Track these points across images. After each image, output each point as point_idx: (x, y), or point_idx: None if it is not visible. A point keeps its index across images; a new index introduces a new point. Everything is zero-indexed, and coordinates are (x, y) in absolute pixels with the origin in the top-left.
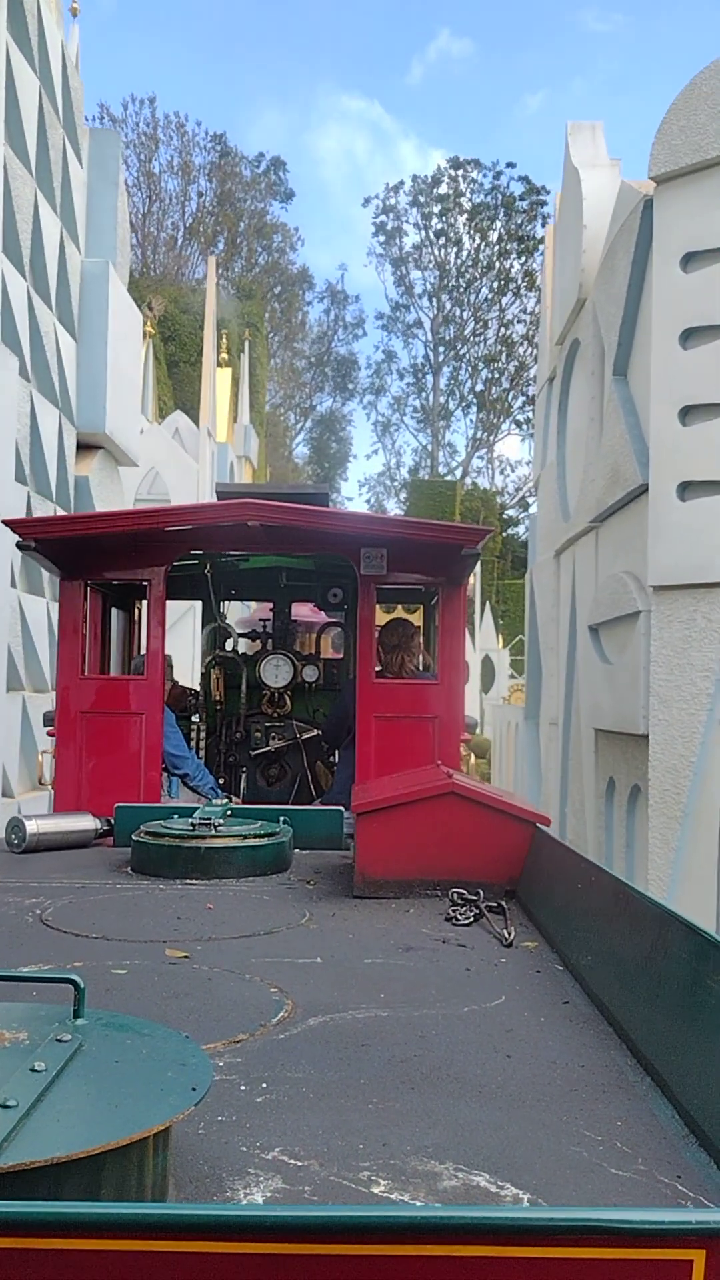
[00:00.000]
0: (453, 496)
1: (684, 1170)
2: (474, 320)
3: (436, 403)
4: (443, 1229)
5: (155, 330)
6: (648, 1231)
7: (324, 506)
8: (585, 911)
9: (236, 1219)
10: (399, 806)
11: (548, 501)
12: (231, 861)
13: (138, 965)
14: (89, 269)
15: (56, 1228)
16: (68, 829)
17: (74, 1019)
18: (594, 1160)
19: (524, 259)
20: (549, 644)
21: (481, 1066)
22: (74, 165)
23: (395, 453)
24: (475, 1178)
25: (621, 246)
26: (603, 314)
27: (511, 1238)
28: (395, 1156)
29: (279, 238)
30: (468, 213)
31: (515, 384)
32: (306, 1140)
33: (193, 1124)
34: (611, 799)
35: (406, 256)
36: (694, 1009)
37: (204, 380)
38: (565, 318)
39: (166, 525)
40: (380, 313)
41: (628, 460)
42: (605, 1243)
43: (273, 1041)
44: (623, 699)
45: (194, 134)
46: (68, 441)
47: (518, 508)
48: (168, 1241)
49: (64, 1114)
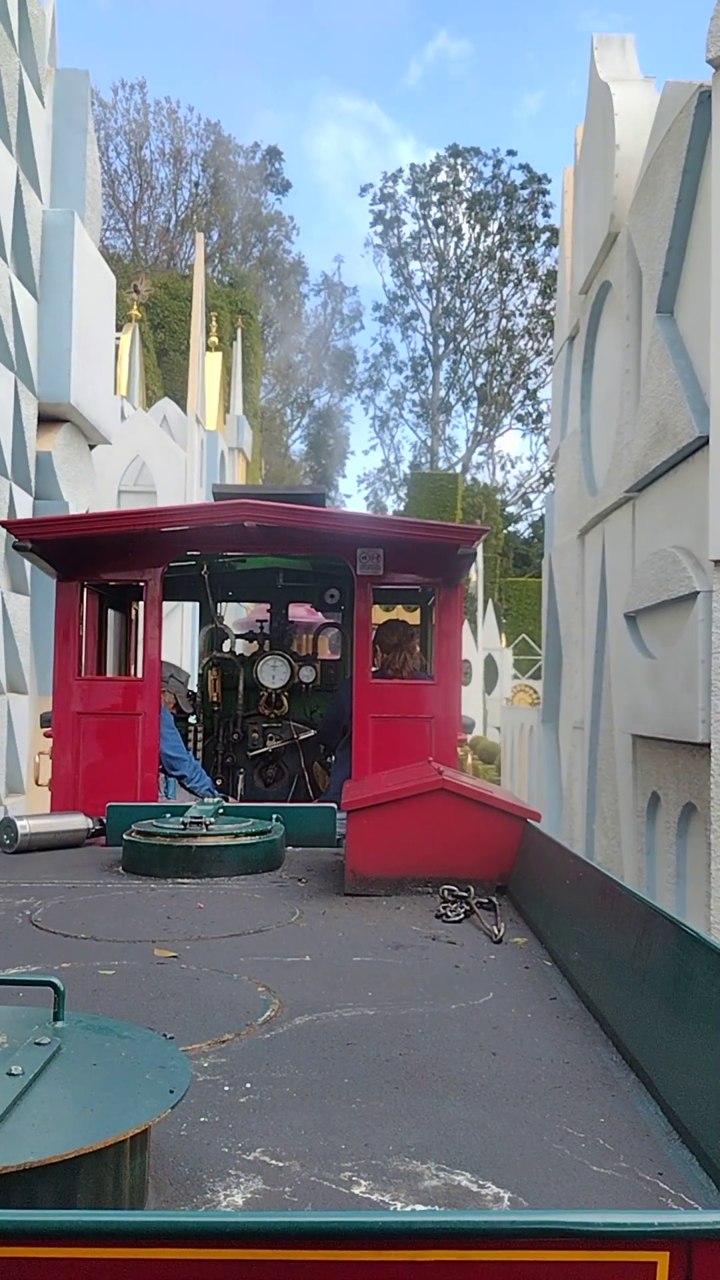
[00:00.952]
0: (454, 490)
1: (666, 1168)
2: (474, 312)
3: (436, 396)
4: (408, 1234)
5: (143, 314)
6: (612, 1234)
7: (320, 507)
8: (573, 907)
9: (207, 1226)
10: (389, 804)
11: (569, 476)
12: (223, 860)
13: (125, 966)
14: (52, 220)
15: (30, 1236)
16: (59, 829)
17: (54, 1022)
18: (576, 1158)
19: (525, 250)
20: (572, 637)
21: (467, 1064)
22: (34, 103)
23: (394, 448)
24: (456, 1177)
25: (668, 156)
26: (642, 244)
27: (476, 1241)
28: (377, 1156)
29: (275, 229)
30: (467, 202)
31: (516, 378)
32: (289, 1140)
33: (174, 1125)
34: (654, 819)
35: (405, 247)
36: (678, 1005)
37: (191, 362)
38: (591, 261)
39: (163, 526)
40: (378, 304)
41: (678, 411)
42: (570, 1245)
43: (258, 1041)
44: (673, 700)
45: (186, 120)
46: (26, 412)
47: (519, 504)
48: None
49: (39, 1118)
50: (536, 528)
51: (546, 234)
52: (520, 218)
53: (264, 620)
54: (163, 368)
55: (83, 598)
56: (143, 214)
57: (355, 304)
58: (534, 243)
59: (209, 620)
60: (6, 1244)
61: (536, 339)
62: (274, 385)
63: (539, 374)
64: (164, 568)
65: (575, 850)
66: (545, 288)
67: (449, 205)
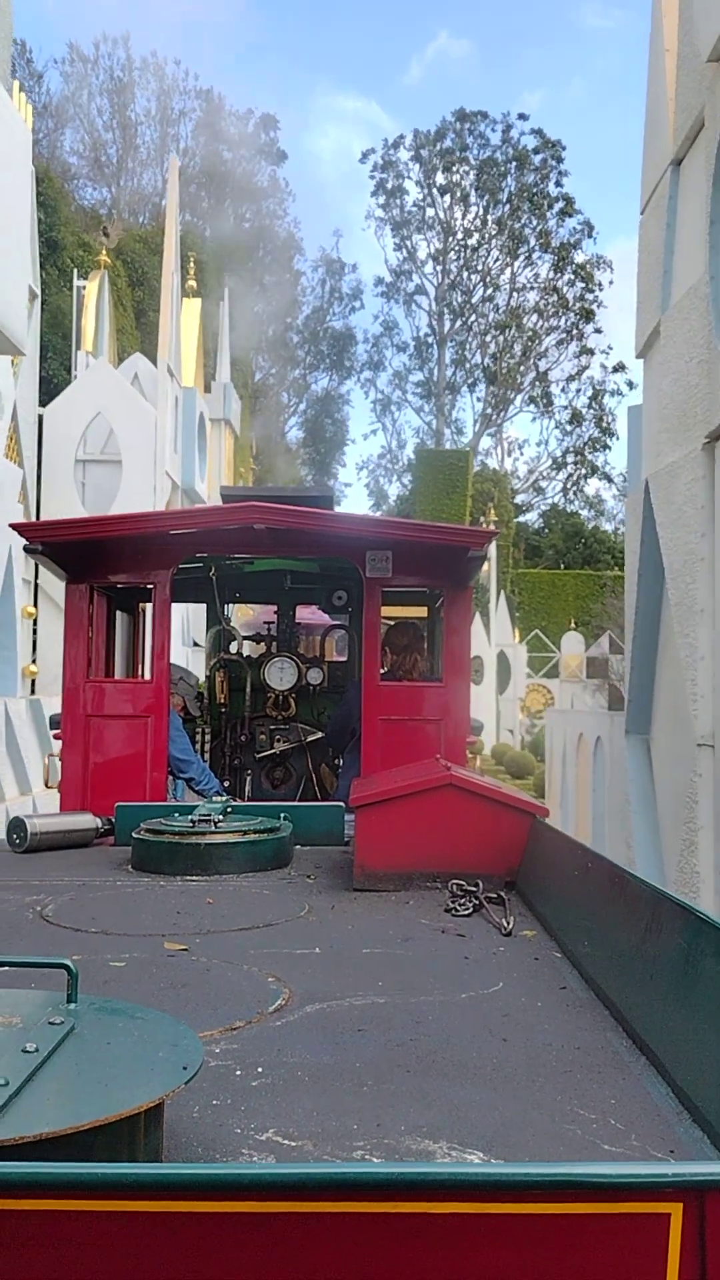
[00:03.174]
0: (464, 468)
1: (677, 1145)
2: (484, 285)
3: (442, 376)
4: (420, 1185)
5: (112, 260)
6: (625, 1185)
7: (328, 508)
8: (582, 899)
9: (217, 1178)
10: (398, 799)
11: (680, 360)
12: (231, 857)
13: (136, 958)
14: None
15: (50, 1188)
16: (69, 828)
17: (67, 1003)
18: (587, 1137)
19: (538, 222)
20: (688, 604)
21: (477, 1050)
22: None
23: (396, 433)
24: (468, 1155)
25: None
26: None
27: (488, 1193)
28: (389, 1136)
29: (271, 203)
30: (475, 168)
31: (527, 357)
32: (301, 1121)
33: (187, 1107)
34: None
35: (409, 218)
36: (687, 988)
37: (164, 300)
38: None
39: (172, 529)
40: (380, 279)
41: None
42: (582, 1197)
43: (269, 1028)
44: None
45: (175, 77)
46: None
47: (530, 492)
48: (156, 1202)
49: (54, 1092)
50: (548, 517)
51: (560, 203)
52: (532, 186)
53: (271, 622)
54: (141, 329)
55: (92, 600)
56: (126, 177)
57: (356, 281)
58: (547, 212)
59: (216, 622)
60: (26, 1196)
61: (547, 318)
62: (269, 367)
63: (549, 355)
64: (173, 570)
65: (594, 850)
66: (559, 261)
67: (455, 172)
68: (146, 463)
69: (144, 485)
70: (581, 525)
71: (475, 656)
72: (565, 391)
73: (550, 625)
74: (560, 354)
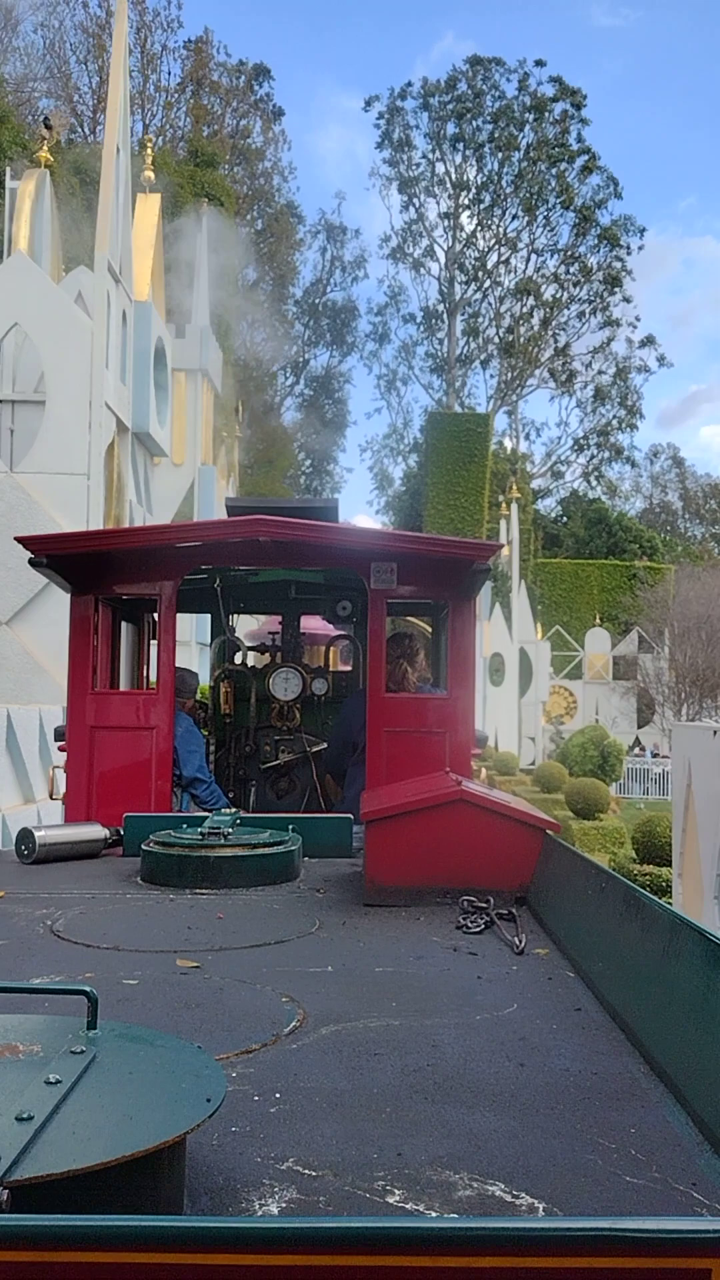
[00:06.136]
0: (483, 434)
1: (699, 1178)
2: (500, 247)
3: (452, 347)
4: (457, 1240)
5: (55, 160)
6: (663, 1241)
7: (333, 519)
8: (596, 918)
9: (247, 1231)
10: (408, 814)
11: None
12: (241, 870)
13: (149, 975)
14: None
15: (71, 1240)
16: (77, 839)
17: (88, 1030)
18: (608, 1168)
19: (556, 179)
20: None
21: (495, 1075)
22: None
23: (402, 411)
24: (490, 1187)
25: None
26: None
27: (526, 1248)
28: (410, 1166)
29: (267, 162)
30: (490, 118)
31: (546, 328)
32: (320, 1150)
33: (207, 1135)
34: None
35: (418, 176)
36: (707, 1014)
37: (104, 178)
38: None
39: (178, 541)
40: (386, 236)
41: None
42: (621, 1252)
43: (285, 1051)
44: None
45: (163, 14)
46: None
47: (548, 477)
48: (181, 1254)
49: (80, 1126)
50: (567, 504)
51: (584, 157)
52: (552, 141)
53: (276, 632)
54: None
55: (97, 611)
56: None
57: (358, 249)
58: (572, 161)
59: (221, 632)
60: (53, 1249)
61: (567, 287)
62: (264, 341)
63: (569, 327)
64: (177, 581)
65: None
66: (581, 221)
67: (468, 120)
68: (80, 391)
69: (76, 419)
70: (606, 511)
71: (496, 654)
72: (589, 367)
73: (573, 621)
74: (583, 326)
